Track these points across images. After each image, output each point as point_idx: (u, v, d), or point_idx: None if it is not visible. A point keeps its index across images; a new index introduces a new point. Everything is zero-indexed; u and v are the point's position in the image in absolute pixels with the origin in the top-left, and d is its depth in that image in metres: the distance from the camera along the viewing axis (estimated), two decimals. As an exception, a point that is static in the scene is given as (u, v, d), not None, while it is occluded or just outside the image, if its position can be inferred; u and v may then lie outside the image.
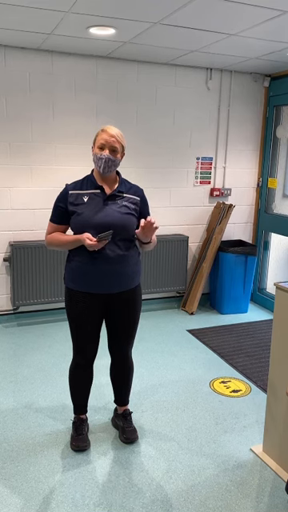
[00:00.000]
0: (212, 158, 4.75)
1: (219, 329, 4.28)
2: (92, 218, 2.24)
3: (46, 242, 2.41)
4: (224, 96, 4.64)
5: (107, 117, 4.24)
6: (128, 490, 2.23)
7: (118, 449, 2.53)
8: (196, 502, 2.17)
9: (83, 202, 2.28)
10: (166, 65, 4.34)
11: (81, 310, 2.35)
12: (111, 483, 2.27)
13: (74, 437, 2.54)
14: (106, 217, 2.25)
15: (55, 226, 2.38)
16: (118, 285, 2.33)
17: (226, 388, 3.20)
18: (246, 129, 4.83)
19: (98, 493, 2.20)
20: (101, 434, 2.65)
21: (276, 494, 2.23)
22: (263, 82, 4.73)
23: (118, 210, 2.29)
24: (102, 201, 2.29)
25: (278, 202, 5.01)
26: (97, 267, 2.27)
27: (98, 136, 2.27)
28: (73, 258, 2.34)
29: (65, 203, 2.31)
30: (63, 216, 2.34)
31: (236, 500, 2.19)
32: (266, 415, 2.51)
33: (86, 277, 2.29)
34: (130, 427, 2.60)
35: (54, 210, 2.37)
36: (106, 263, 2.27)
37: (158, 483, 2.28)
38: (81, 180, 2.38)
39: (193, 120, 4.56)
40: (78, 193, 2.31)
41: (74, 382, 2.53)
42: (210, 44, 3.56)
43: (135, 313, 2.45)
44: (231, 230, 4.95)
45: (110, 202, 2.30)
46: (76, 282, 2.33)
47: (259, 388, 3.19)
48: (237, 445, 2.60)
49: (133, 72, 4.25)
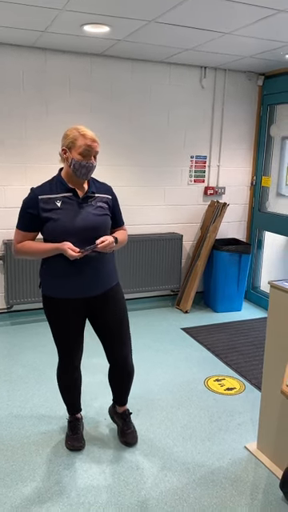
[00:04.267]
0: (206, 156, 4.75)
1: (213, 327, 4.29)
2: (71, 224, 2.14)
3: (16, 251, 2.24)
4: (218, 95, 4.64)
5: (101, 115, 4.23)
6: (123, 488, 2.23)
7: (113, 447, 2.53)
8: (191, 500, 2.18)
9: (57, 207, 2.15)
10: (160, 63, 4.33)
11: (64, 317, 2.28)
12: (106, 481, 2.27)
13: (70, 436, 2.53)
14: (85, 221, 2.17)
15: (24, 233, 2.21)
16: (101, 285, 2.27)
17: (220, 386, 3.22)
18: (240, 127, 4.84)
19: (93, 491, 2.20)
20: (95, 432, 2.65)
21: (270, 490, 2.25)
22: (257, 81, 4.74)
23: (94, 212, 2.21)
24: (77, 204, 2.19)
25: (272, 200, 5.03)
26: (78, 270, 2.18)
27: (78, 140, 2.11)
28: (49, 263, 2.23)
29: (36, 209, 2.15)
30: (33, 223, 2.18)
31: (230, 497, 2.20)
32: (260, 413, 2.53)
33: (66, 282, 2.21)
34: (129, 429, 2.55)
35: (22, 216, 2.20)
36: (87, 265, 2.19)
37: (153, 481, 2.28)
38: (47, 183, 2.23)
39: (187, 118, 4.56)
40: (49, 197, 2.17)
41: (63, 385, 2.49)
42: (204, 42, 3.56)
43: (122, 310, 2.38)
44: (225, 228, 4.96)
45: (84, 205, 2.21)
46: (56, 288, 2.23)
47: (253, 386, 3.20)
48: (231, 442, 2.61)
49: (127, 70, 4.24)
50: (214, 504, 2.16)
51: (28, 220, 2.19)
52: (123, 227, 2.46)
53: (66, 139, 2.16)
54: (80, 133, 2.11)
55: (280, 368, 2.30)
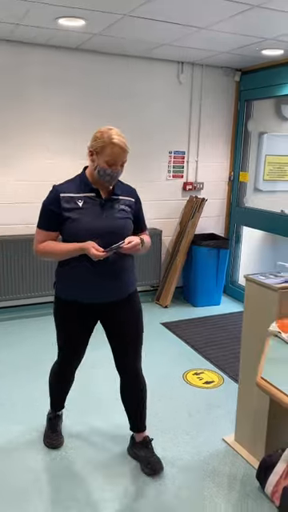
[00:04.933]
0: (184, 151, 4.76)
1: (193, 321, 4.32)
2: (91, 226, 2.04)
3: (39, 252, 2.14)
4: (196, 90, 4.65)
5: (77, 110, 4.19)
6: (99, 483, 2.23)
7: (91, 444, 2.53)
8: (169, 493, 2.19)
9: (78, 206, 2.06)
10: (137, 58, 4.31)
11: (75, 321, 2.19)
12: (82, 477, 2.27)
13: (49, 434, 2.50)
14: (105, 223, 2.07)
15: (46, 233, 2.11)
16: (119, 291, 2.16)
17: (198, 380, 3.24)
18: (218, 123, 4.86)
19: (68, 488, 2.20)
20: (76, 430, 2.64)
21: (247, 481, 2.28)
22: (234, 77, 4.76)
23: (117, 215, 2.11)
24: (99, 205, 2.09)
25: (250, 195, 5.08)
26: (96, 274, 2.07)
27: (107, 149, 1.99)
28: (68, 265, 2.12)
29: (57, 207, 2.06)
30: (55, 222, 2.08)
31: (208, 489, 2.22)
32: (237, 405, 2.56)
33: (83, 285, 2.10)
34: (153, 456, 2.33)
35: (44, 215, 2.11)
36: (107, 269, 2.07)
37: (131, 475, 2.29)
38: (71, 181, 2.15)
39: (165, 114, 4.56)
40: (71, 196, 2.07)
41: (55, 384, 2.45)
42: (179, 37, 3.55)
43: (139, 320, 2.26)
44: (204, 223, 4.98)
45: (107, 207, 2.10)
46: (71, 291, 2.14)
47: (231, 379, 3.24)
48: (209, 435, 2.63)
49: (104, 65, 4.21)
50: (191, 496, 2.18)
51: (50, 219, 2.09)
52: (145, 232, 2.32)
53: (96, 142, 2.03)
54: (112, 140, 1.98)
55: (255, 360, 2.33)
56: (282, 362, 1.91)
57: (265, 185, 5.06)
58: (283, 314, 2.20)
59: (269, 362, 1.90)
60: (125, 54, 4.22)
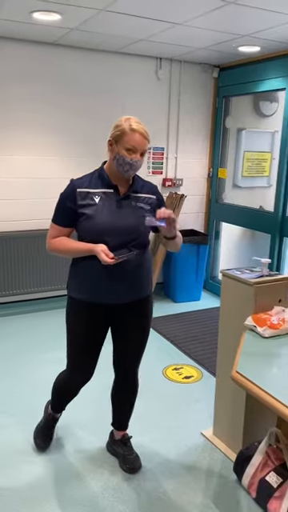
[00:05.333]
0: (163, 148, 4.76)
1: (173, 317, 4.33)
2: (105, 224, 1.95)
3: (50, 247, 2.06)
4: (174, 86, 4.65)
5: (55, 105, 4.15)
6: (78, 480, 2.23)
7: (71, 441, 2.52)
8: (147, 488, 2.20)
9: (94, 202, 1.96)
10: (115, 53, 4.29)
11: (87, 323, 2.08)
12: (60, 474, 2.26)
13: (41, 432, 2.44)
14: (121, 222, 1.97)
15: (60, 228, 2.03)
16: (134, 293, 2.06)
17: (178, 375, 3.26)
18: (197, 119, 4.87)
19: (46, 486, 2.19)
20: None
21: (225, 474, 2.31)
22: (212, 73, 4.78)
23: (134, 213, 2.00)
24: (116, 202, 1.99)
25: (228, 191, 5.11)
26: (110, 275, 1.97)
27: (126, 135, 1.90)
28: (82, 265, 2.03)
29: (73, 202, 1.97)
30: (70, 217, 1.99)
31: (186, 483, 2.24)
32: (215, 399, 2.58)
33: (96, 285, 2.00)
34: (131, 454, 2.34)
35: (59, 209, 2.02)
36: (121, 271, 1.97)
37: (110, 470, 2.29)
38: (89, 175, 2.04)
39: (143, 110, 4.54)
40: (88, 191, 1.98)
41: (61, 392, 2.32)
42: (157, 33, 3.55)
43: (148, 326, 2.20)
44: (184, 219, 4.99)
45: (124, 204, 2.00)
46: (84, 290, 2.04)
47: (210, 373, 3.26)
48: (188, 430, 2.65)
49: (82, 60, 4.17)
50: (169, 490, 2.19)
51: (64, 214, 2.01)
52: None
53: (115, 130, 1.94)
54: (131, 126, 1.90)
55: (232, 355, 2.35)
56: (257, 356, 1.93)
57: (243, 181, 5.11)
58: (258, 309, 2.23)
59: (244, 355, 1.93)
60: (103, 50, 4.20)
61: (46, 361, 3.32)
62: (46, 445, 2.43)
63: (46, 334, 3.81)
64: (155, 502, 2.12)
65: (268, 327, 2.08)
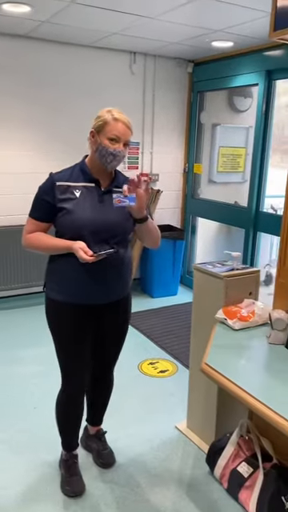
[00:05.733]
0: (139, 142, 4.75)
1: (150, 312, 4.34)
2: (86, 219, 1.88)
3: (26, 243, 1.96)
4: (148, 81, 4.64)
5: (27, 99, 4.09)
6: (51, 475, 2.22)
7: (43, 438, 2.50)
8: (121, 482, 2.21)
9: (74, 196, 1.89)
10: (89, 47, 4.25)
11: (74, 327, 1.98)
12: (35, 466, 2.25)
13: (67, 479, 2.16)
14: (103, 217, 1.90)
15: (37, 223, 1.94)
16: (116, 292, 2.01)
17: (153, 369, 3.27)
18: (172, 114, 4.87)
19: (24, 482, 2.17)
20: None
21: (198, 466, 2.33)
22: (187, 68, 4.78)
23: (116, 208, 1.93)
24: (98, 197, 1.92)
25: (204, 187, 5.14)
26: (91, 274, 1.90)
27: (109, 125, 1.85)
28: (60, 263, 1.94)
29: (52, 197, 1.89)
30: (48, 212, 1.91)
31: (159, 476, 2.25)
32: (188, 392, 2.60)
33: (80, 286, 1.92)
34: (106, 449, 2.33)
35: (36, 203, 1.94)
36: (104, 268, 1.90)
37: (83, 464, 2.28)
38: (70, 169, 1.97)
39: (118, 104, 4.42)
40: (68, 185, 1.91)
41: (66, 418, 2.17)
42: (129, 27, 3.53)
43: (127, 323, 2.18)
44: (160, 215, 5.00)
45: (106, 199, 1.93)
46: (64, 291, 1.94)
47: (185, 367, 3.28)
48: (162, 423, 2.67)
49: (55, 53, 4.12)
50: (143, 483, 2.20)
51: (42, 208, 1.92)
52: None
53: (97, 120, 1.89)
54: (113, 116, 1.87)
55: (204, 348, 2.37)
56: (226, 348, 1.95)
57: (219, 176, 5.13)
58: (229, 301, 2.25)
59: (214, 348, 1.95)
60: (76, 43, 4.15)
61: (21, 358, 3.30)
62: (80, 487, 2.14)
63: (23, 331, 3.78)
64: (129, 495, 2.13)
65: (238, 319, 2.10)
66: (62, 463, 2.22)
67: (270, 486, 1.96)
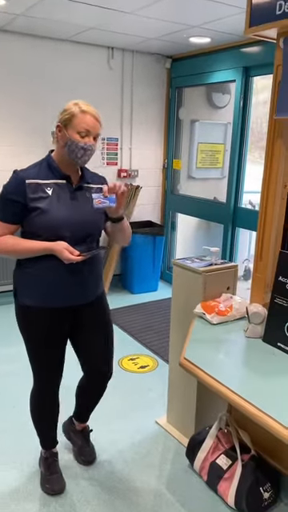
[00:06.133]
0: (118, 138, 4.73)
1: (130, 308, 4.35)
2: (63, 217, 1.80)
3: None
4: (127, 76, 4.62)
5: (3, 94, 4.03)
6: (30, 471, 2.20)
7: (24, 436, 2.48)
8: (101, 478, 2.21)
9: (46, 195, 1.79)
10: (66, 41, 4.20)
11: (47, 331, 1.92)
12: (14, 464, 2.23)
13: (47, 477, 2.13)
14: (79, 215, 1.84)
15: (7, 225, 1.82)
16: (92, 291, 1.96)
17: (134, 365, 3.28)
18: (151, 110, 4.87)
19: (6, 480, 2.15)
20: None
21: (178, 460, 2.35)
22: (165, 64, 4.78)
23: (89, 205, 1.85)
24: (70, 194, 1.85)
25: (184, 183, 5.16)
26: (68, 275, 1.84)
27: (77, 118, 1.78)
28: (34, 266, 1.84)
29: (22, 196, 1.77)
30: (18, 213, 1.80)
31: (140, 471, 2.26)
32: (168, 387, 2.62)
33: (57, 288, 1.86)
34: (87, 446, 2.31)
35: (4, 204, 1.81)
36: (81, 268, 1.85)
37: (64, 461, 2.27)
38: (36, 166, 1.87)
39: (96, 100, 4.39)
40: (38, 182, 1.80)
41: (41, 415, 2.13)
42: (106, 22, 3.50)
43: (110, 321, 2.13)
44: (140, 211, 4.99)
45: (78, 195, 1.87)
46: (40, 296, 1.86)
47: (165, 362, 3.29)
48: (143, 419, 2.68)
49: (31, 47, 4.06)
50: (122, 479, 2.21)
51: (10, 209, 1.80)
52: None
53: (63, 114, 1.81)
54: (80, 109, 1.79)
55: (183, 342, 2.39)
56: (205, 343, 1.97)
57: (198, 172, 5.16)
58: (208, 296, 2.26)
59: (193, 342, 1.96)
60: (53, 37, 4.10)
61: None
62: (60, 485, 2.12)
63: None
64: (109, 491, 2.13)
65: (216, 314, 2.12)
66: (41, 461, 2.20)
67: (249, 477, 1.99)
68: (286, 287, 1.90)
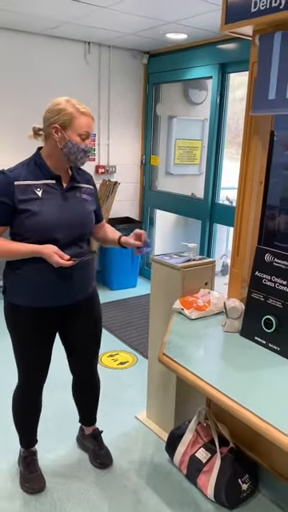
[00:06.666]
0: (95, 134, 4.70)
1: (109, 305, 4.34)
2: (55, 219, 1.78)
3: None
4: (104, 72, 4.59)
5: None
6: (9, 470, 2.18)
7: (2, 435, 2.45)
8: (81, 475, 2.21)
9: (36, 196, 1.76)
10: (42, 35, 4.14)
11: (35, 330, 1.91)
12: None
13: (26, 476, 2.12)
14: (71, 216, 1.83)
15: None
16: (84, 290, 1.96)
17: (113, 361, 3.28)
18: (128, 106, 4.85)
19: None
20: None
21: (157, 454, 2.36)
22: (142, 59, 4.77)
23: (80, 206, 1.87)
24: (61, 195, 1.82)
25: (162, 179, 5.17)
26: (58, 275, 1.82)
27: (77, 119, 1.76)
28: (23, 267, 1.82)
29: (10, 198, 1.74)
30: (6, 215, 1.77)
31: (120, 467, 2.27)
32: (147, 382, 2.63)
33: (45, 289, 1.85)
34: (102, 449, 2.30)
35: None
36: (70, 273, 1.84)
37: (42, 458, 2.26)
38: (24, 165, 1.83)
39: (72, 94, 4.36)
40: (27, 184, 1.77)
41: (22, 413, 2.11)
42: (82, 16, 3.47)
43: (100, 320, 2.13)
44: (118, 207, 4.98)
45: (69, 196, 1.85)
46: (30, 295, 1.85)
47: (145, 358, 3.31)
48: (123, 415, 2.68)
49: (5, 40, 3.99)
50: (104, 476, 2.21)
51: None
52: (105, 223, 2.16)
53: (61, 115, 1.76)
54: (79, 110, 1.77)
55: (162, 338, 2.40)
56: (183, 338, 1.98)
57: (175, 168, 5.17)
58: (186, 292, 2.28)
59: (171, 338, 1.97)
60: (27, 31, 4.04)
61: None
62: (40, 484, 2.11)
63: None
64: (89, 488, 2.13)
65: (194, 309, 2.14)
66: (20, 460, 2.19)
67: (227, 469, 2.02)
68: (262, 282, 1.93)
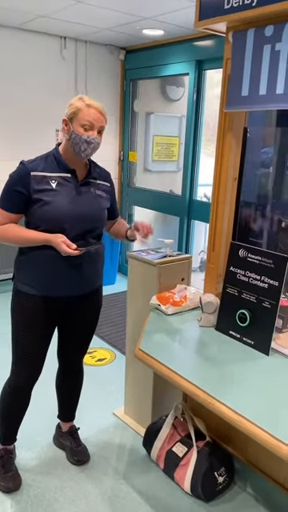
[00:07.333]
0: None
1: (87, 302, 4.32)
2: (66, 211, 1.83)
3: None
4: (80, 67, 4.55)
5: None
6: None
7: None
8: (58, 471, 2.20)
9: (50, 187, 1.83)
10: (16, 29, 4.08)
11: (42, 321, 1.95)
12: None
13: (2, 475, 2.10)
14: (82, 209, 1.87)
15: (7, 214, 1.85)
16: (89, 283, 1.99)
17: (91, 358, 3.27)
18: (105, 102, 4.76)
19: None
20: None
21: (135, 450, 2.37)
22: (119, 55, 4.75)
23: (93, 201, 1.92)
24: (75, 188, 1.87)
25: (140, 175, 5.16)
26: (67, 266, 1.87)
27: (81, 111, 1.81)
28: (34, 255, 1.88)
29: (26, 188, 1.81)
30: (20, 203, 1.83)
31: (98, 463, 2.27)
32: (125, 378, 2.63)
33: (55, 278, 1.89)
34: (79, 446, 2.30)
35: (8, 194, 1.84)
36: (78, 260, 1.87)
37: (19, 455, 2.24)
38: (43, 158, 1.89)
39: (48, 90, 4.40)
40: (43, 175, 1.83)
41: (9, 408, 2.09)
42: (57, 10, 3.43)
43: (98, 316, 2.16)
44: (96, 203, 4.96)
45: (83, 190, 1.90)
46: (39, 284, 1.89)
47: (123, 354, 3.31)
48: (100, 411, 2.68)
49: (-21, 34, 3.93)
50: (81, 472, 2.21)
51: (14, 199, 1.83)
52: (120, 218, 2.20)
53: (69, 109, 1.85)
54: (85, 103, 1.82)
55: (139, 334, 2.40)
56: (160, 333, 1.99)
57: (154, 165, 5.18)
58: (163, 288, 2.29)
59: (148, 333, 1.98)
60: (2, 24, 3.97)
61: None
62: (16, 483, 2.10)
63: None
64: (66, 485, 2.12)
65: (171, 305, 2.15)
66: None
67: (203, 463, 2.04)
68: (236, 277, 1.95)
